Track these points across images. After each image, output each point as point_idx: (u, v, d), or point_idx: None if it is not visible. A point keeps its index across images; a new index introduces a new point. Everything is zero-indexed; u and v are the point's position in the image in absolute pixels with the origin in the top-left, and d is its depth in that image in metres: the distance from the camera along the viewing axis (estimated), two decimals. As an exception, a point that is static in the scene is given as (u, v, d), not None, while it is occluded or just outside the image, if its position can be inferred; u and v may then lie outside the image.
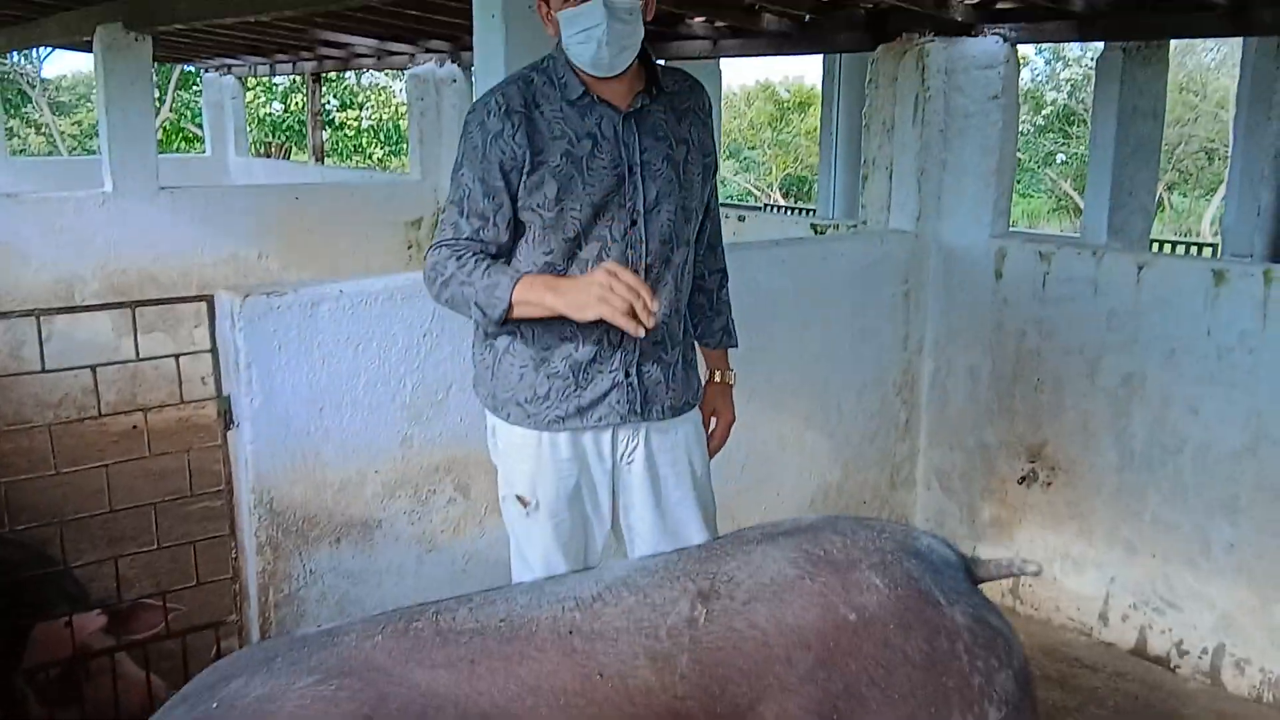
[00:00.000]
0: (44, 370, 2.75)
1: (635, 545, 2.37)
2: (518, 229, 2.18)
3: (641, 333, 1.98)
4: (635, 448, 2.31)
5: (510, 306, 2.07)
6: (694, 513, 2.38)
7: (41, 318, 2.72)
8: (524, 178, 2.12)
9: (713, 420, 2.54)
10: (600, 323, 2.09)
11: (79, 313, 3.03)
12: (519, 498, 2.30)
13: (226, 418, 2.65)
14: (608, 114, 2.16)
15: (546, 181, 2.12)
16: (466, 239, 2.14)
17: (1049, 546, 3.84)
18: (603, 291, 1.95)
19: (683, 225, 2.26)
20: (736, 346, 2.55)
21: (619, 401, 2.25)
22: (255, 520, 2.64)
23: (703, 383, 2.47)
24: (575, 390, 2.22)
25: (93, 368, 2.73)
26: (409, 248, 7.26)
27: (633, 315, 1.95)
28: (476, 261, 2.11)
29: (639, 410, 2.27)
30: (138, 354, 2.78)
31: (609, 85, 2.17)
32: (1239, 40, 9.13)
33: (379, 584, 2.85)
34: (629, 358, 2.24)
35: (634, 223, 2.19)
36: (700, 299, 2.46)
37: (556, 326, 2.18)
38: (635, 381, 2.25)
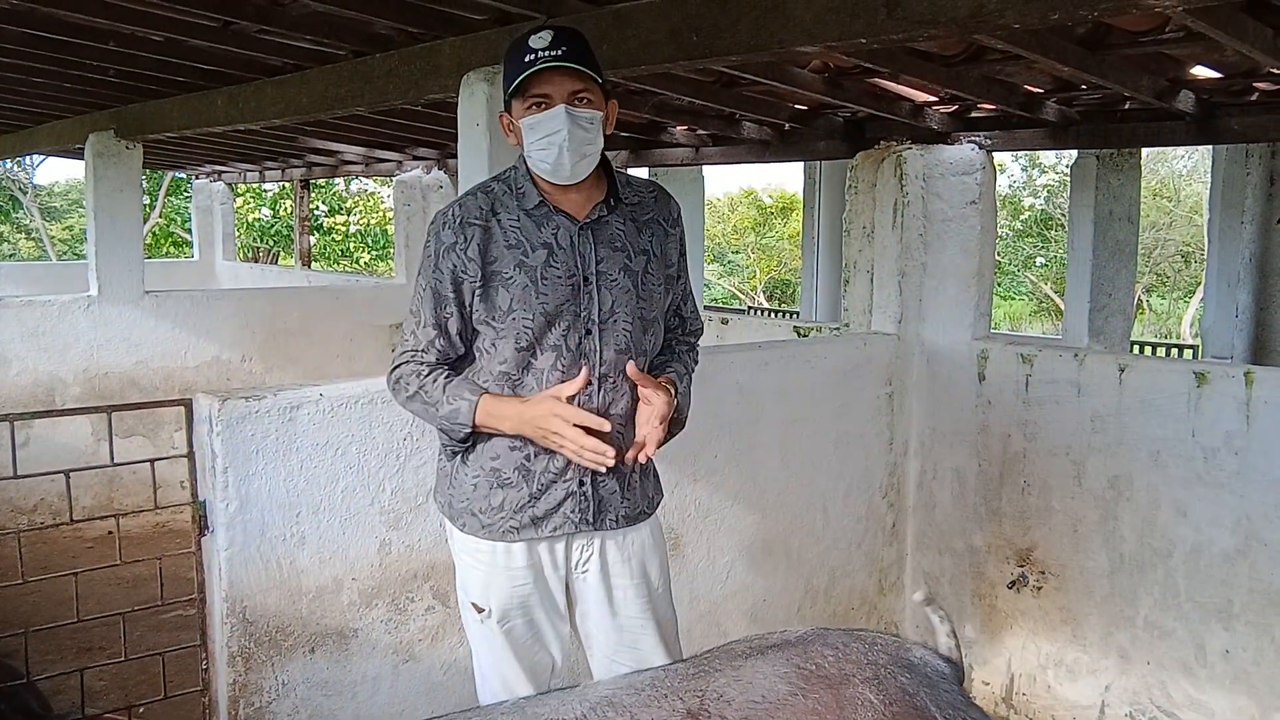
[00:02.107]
0: (16, 476, 2.69)
1: (593, 652, 2.34)
2: (476, 336, 2.20)
3: (603, 468, 2.07)
4: (590, 557, 2.27)
5: (474, 428, 2.14)
6: (650, 627, 2.31)
7: (18, 422, 2.67)
8: (476, 289, 2.15)
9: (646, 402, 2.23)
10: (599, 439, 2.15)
11: (56, 417, 2.98)
12: (473, 605, 2.27)
13: (201, 523, 2.60)
14: (564, 224, 2.18)
15: (499, 292, 2.14)
16: (424, 348, 2.19)
17: (1042, 653, 3.76)
18: (556, 440, 2.07)
19: (640, 335, 2.25)
20: (676, 390, 2.31)
21: (573, 511, 2.22)
22: (227, 630, 2.57)
23: (658, 478, 2.41)
24: (530, 502, 2.21)
25: (66, 473, 2.69)
26: (393, 350, 7.25)
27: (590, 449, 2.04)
28: (435, 378, 2.16)
29: (591, 520, 2.23)
30: (113, 459, 2.74)
31: (567, 195, 2.18)
32: (1209, 148, 9.38)
33: (354, 695, 2.75)
34: (584, 468, 2.20)
35: (588, 332, 2.18)
36: (661, 354, 2.38)
37: (512, 439, 2.18)
38: (590, 491, 2.22)
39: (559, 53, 2.06)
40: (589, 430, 2.07)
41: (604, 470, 2.09)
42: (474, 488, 2.23)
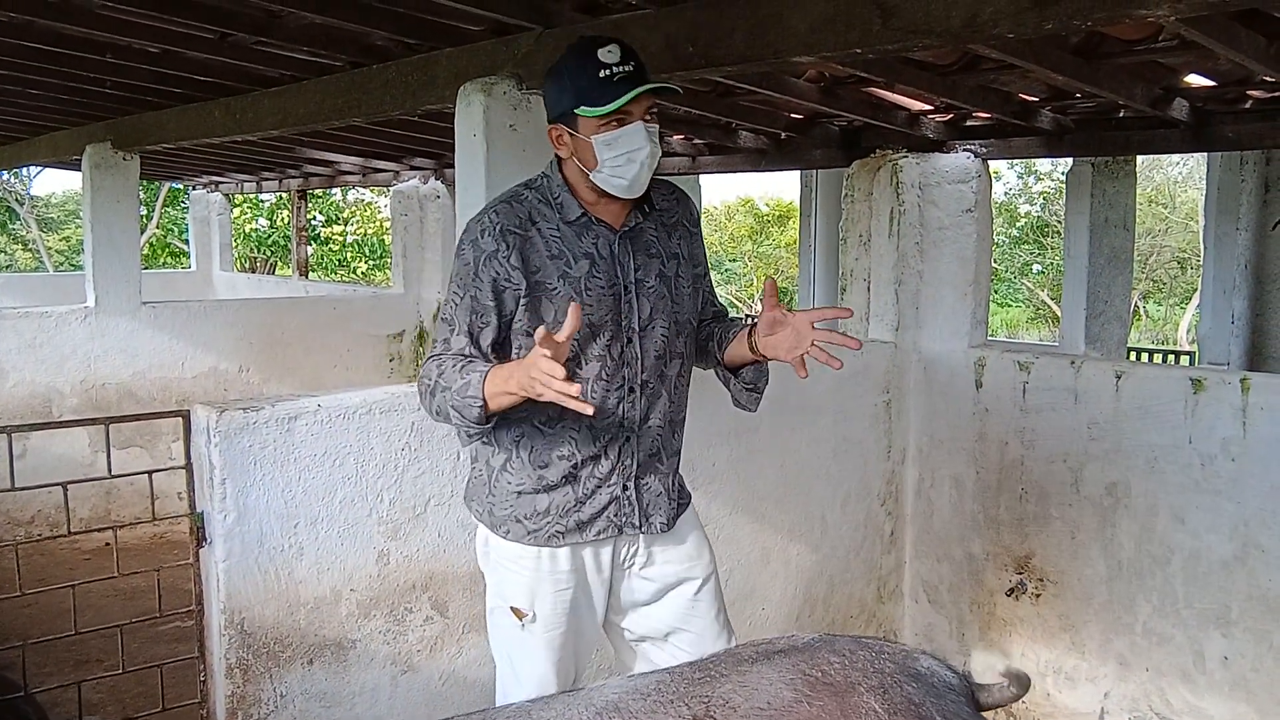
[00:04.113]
0: (13, 488, 2.69)
1: (641, 643, 2.35)
2: (509, 347, 2.16)
3: (587, 409, 1.89)
4: (636, 552, 2.30)
5: (485, 402, 2.02)
6: (703, 606, 2.35)
7: (15, 434, 2.67)
8: (521, 299, 2.11)
9: (784, 324, 2.17)
10: (597, 438, 2.16)
11: (54, 428, 2.99)
12: (514, 610, 2.25)
13: (199, 535, 2.60)
14: (604, 233, 2.17)
15: (543, 302, 2.12)
16: (454, 354, 2.12)
17: (1041, 660, 3.76)
18: (540, 387, 1.89)
19: (675, 339, 2.26)
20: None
21: (616, 515, 2.24)
22: (225, 641, 2.56)
23: (753, 339, 2.25)
24: (575, 506, 2.21)
25: (64, 485, 2.68)
26: (391, 360, 7.26)
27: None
28: (455, 363, 2.09)
29: (637, 523, 2.26)
30: (110, 470, 2.74)
31: (607, 205, 2.18)
32: (1204, 155, 9.41)
33: (352, 707, 2.75)
34: (627, 471, 2.24)
35: (630, 341, 2.19)
36: (705, 331, 2.38)
37: (554, 444, 2.18)
38: (634, 494, 2.25)
39: (631, 68, 2.06)
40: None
41: (589, 411, 1.92)
42: (518, 494, 2.21)
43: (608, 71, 2.04)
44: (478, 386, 2.02)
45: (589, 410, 1.90)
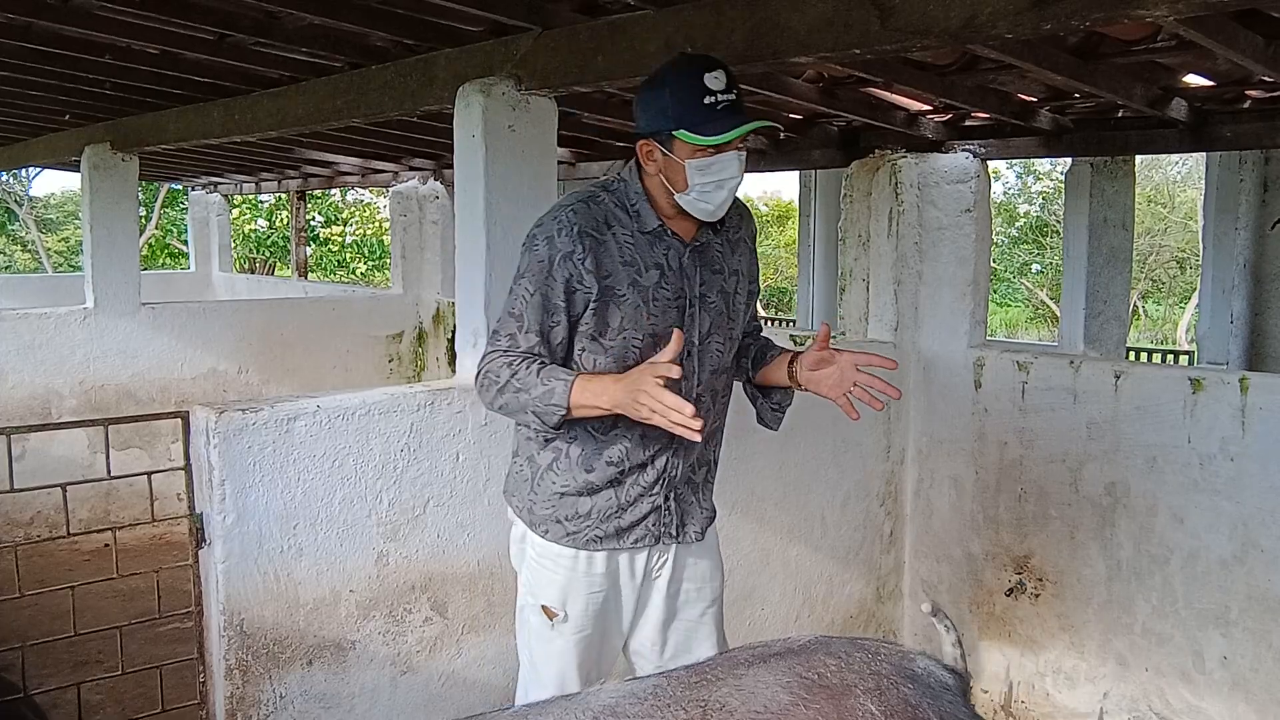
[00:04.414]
0: (12, 489, 2.69)
1: (644, 658, 2.36)
2: (573, 349, 2.16)
3: (697, 437, 1.95)
4: (665, 563, 2.31)
5: (568, 411, 2.04)
6: (706, 630, 2.37)
7: (14, 435, 2.67)
8: (591, 302, 2.10)
9: (830, 362, 2.25)
10: (647, 446, 2.19)
11: (53, 430, 2.99)
12: (545, 608, 2.26)
13: (198, 536, 2.60)
14: (675, 245, 2.18)
15: (610, 308, 2.11)
16: (522, 352, 2.11)
17: (1040, 660, 3.76)
18: (647, 411, 1.96)
19: (728, 354, 2.29)
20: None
21: (655, 524, 2.26)
22: (225, 643, 2.56)
23: (788, 371, 2.34)
24: (616, 513, 2.22)
25: (63, 486, 2.68)
26: (390, 361, 7.26)
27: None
28: (529, 364, 2.08)
29: (674, 533, 2.28)
30: (109, 471, 2.74)
31: (681, 219, 2.18)
32: (1203, 154, 9.41)
33: (351, 708, 2.75)
34: (670, 481, 2.26)
35: (689, 354, 2.20)
36: (741, 345, 2.42)
37: (604, 449, 2.19)
38: (673, 505, 2.27)
39: (734, 96, 2.06)
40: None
41: (698, 439, 1.97)
42: (560, 495, 2.22)
43: (713, 99, 2.04)
44: (563, 396, 2.03)
45: (697, 436, 1.94)
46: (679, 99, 2.05)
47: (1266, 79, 3.28)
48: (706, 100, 2.03)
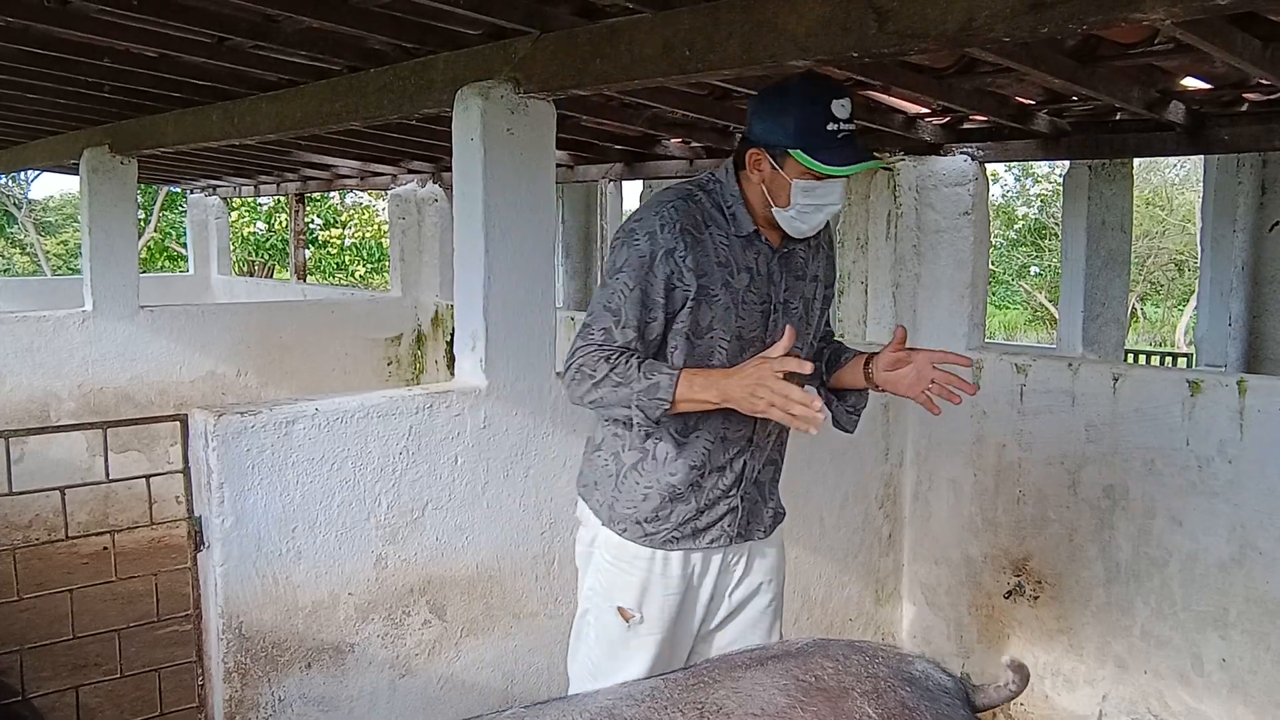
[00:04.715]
0: (11, 493, 2.69)
1: (709, 649, 2.36)
2: (662, 346, 2.17)
3: (814, 431, 1.96)
4: (739, 561, 2.33)
5: (671, 405, 2.05)
6: (766, 622, 2.39)
7: (13, 438, 2.67)
8: (689, 300, 2.11)
9: (906, 362, 2.28)
10: (727, 449, 2.20)
11: (51, 433, 2.99)
12: (621, 610, 2.25)
13: (197, 539, 2.60)
14: (764, 250, 2.20)
15: (703, 308, 2.12)
16: (618, 346, 2.10)
17: (1039, 663, 3.76)
18: (765, 405, 1.97)
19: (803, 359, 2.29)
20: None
21: (730, 525, 2.27)
22: (223, 646, 2.56)
23: (866, 373, 2.35)
24: (695, 515, 2.23)
25: (61, 489, 2.68)
26: (389, 364, 7.26)
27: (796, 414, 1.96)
28: (628, 359, 2.08)
29: (747, 534, 2.30)
30: (108, 474, 2.74)
31: (772, 226, 2.20)
32: (1201, 157, 9.42)
33: (350, 711, 2.75)
34: (746, 483, 2.27)
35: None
36: (819, 352, 2.45)
37: (686, 451, 2.19)
38: (748, 506, 2.29)
39: (853, 127, 2.09)
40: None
41: (810, 428, 1.97)
42: (644, 498, 2.21)
43: (835, 126, 2.06)
44: (668, 390, 2.03)
45: (816, 429, 1.94)
46: (803, 120, 2.07)
47: (1264, 82, 3.28)
48: (830, 127, 2.05)
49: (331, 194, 19.98)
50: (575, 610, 2.38)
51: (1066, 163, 7.85)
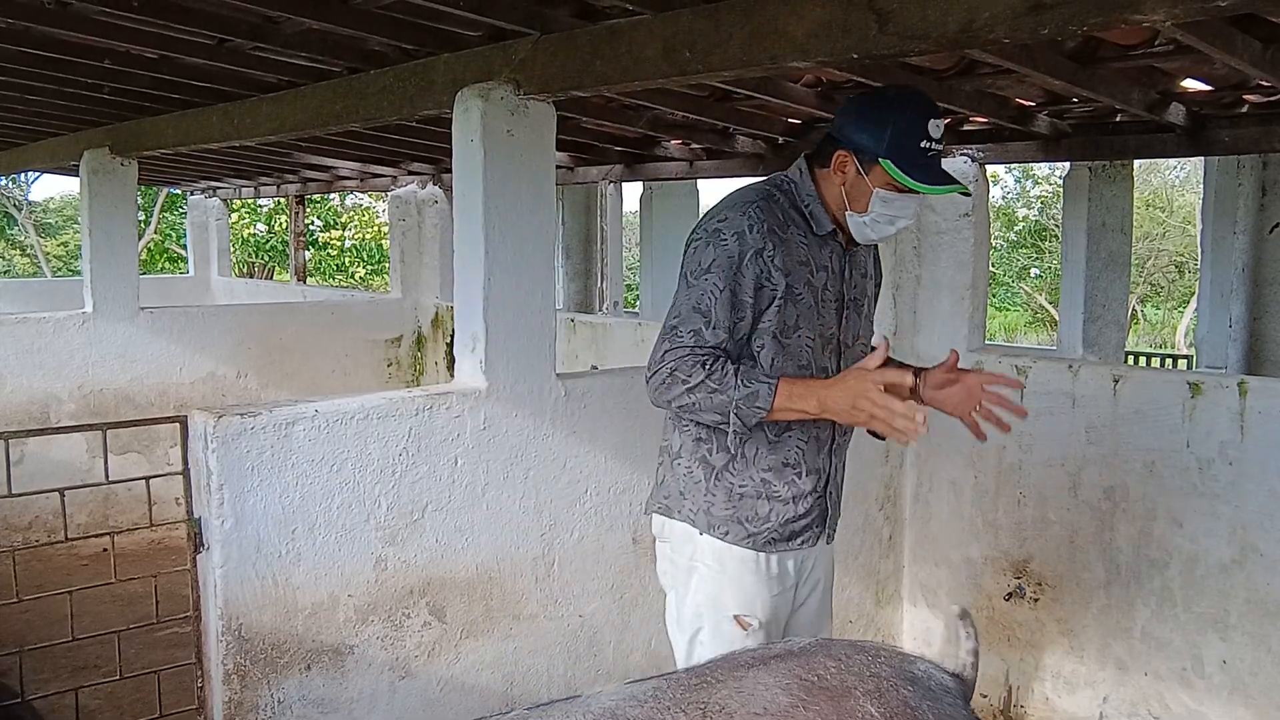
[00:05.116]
0: (10, 494, 2.69)
1: None
2: (747, 346, 2.18)
3: (912, 442, 2.02)
4: (816, 562, 2.35)
5: (768, 413, 2.06)
6: (825, 620, 2.42)
7: (13, 439, 2.67)
8: (778, 300, 2.12)
9: (955, 381, 2.28)
10: (820, 449, 2.22)
11: (51, 434, 2.99)
12: (739, 619, 2.22)
13: (197, 540, 2.59)
14: (837, 249, 2.23)
15: (789, 307, 2.14)
16: (710, 348, 2.09)
17: (1040, 665, 3.76)
18: (867, 410, 1.99)
19: (863, 354, 2.31)
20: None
21: (818, 525, 2.29)
22: (223, 648, 2.56)
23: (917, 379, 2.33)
24: (792, 516, 2.23)
25: (61, 491, 2.68)
26: (389, 365, 7.26)
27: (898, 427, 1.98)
28: (724, 364, 2.08)
29: (829, 533, 2.33)
30: (108, 476, 2.74)
31: (841, 226, 2.23)
32: (1201, 159, 9.42)
33: (350, 713, 2.74)
34: (830, 482, 2.29)
35: (842, 355, 2.26)
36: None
37: (778, 450, 2.20)
38: (830, 505, 2.31)
39: (941, 148, 2.15)
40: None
41: (909, 440, 2.02)
42: (740, 497, 2.21)
43: (928, 144, 2.11)
44: (767, 399, 2.04)
45: (913, 441, 2.00)
46: (900, 133, 2.11)
47: (1264, 83, 3.28)
48: (923, 144, 2.11)
49: (331, 195, 19.99)
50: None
51: (1067, 164, 7.85)
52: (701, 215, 2.24)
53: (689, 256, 2.16)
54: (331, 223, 21.16)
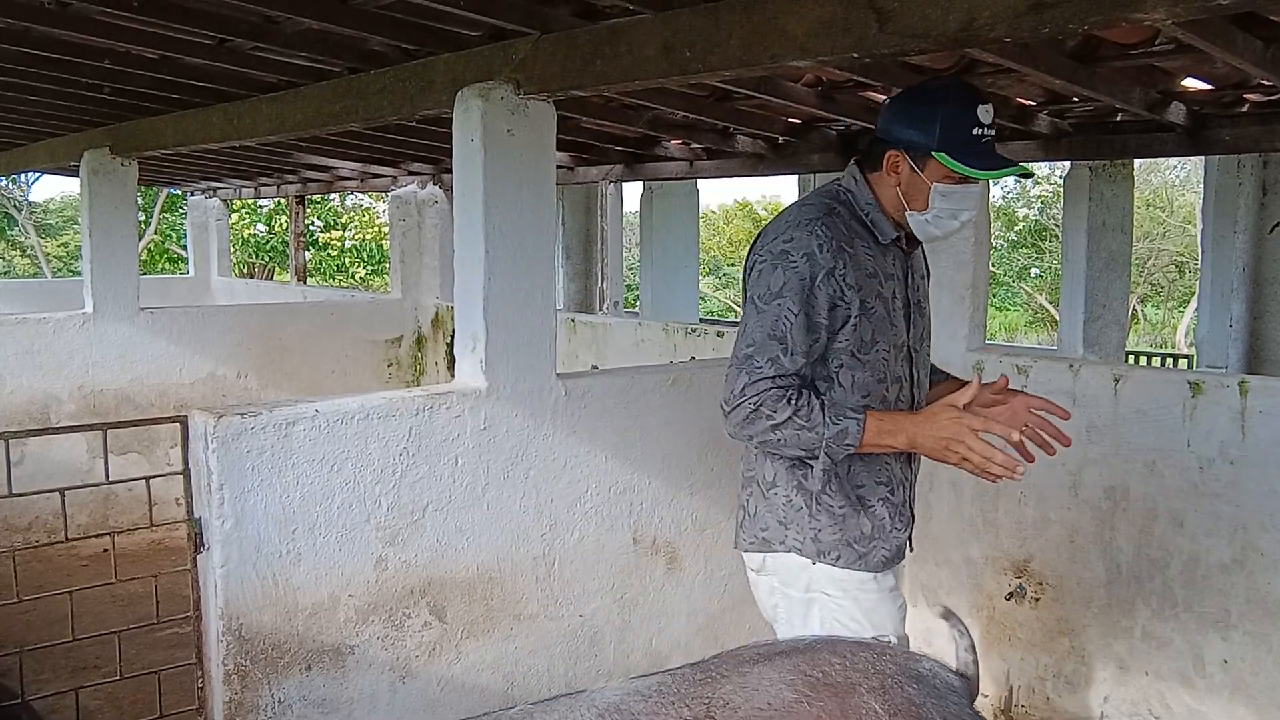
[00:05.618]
0: (10, 494, 2.68)
1: None
2: (823, 367, 2.12)
3: (999, 481, 1.98)
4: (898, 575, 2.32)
5: (857, 449, 2.04)
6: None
7: (13, 440, 2.67)
8: (853, 319, 2.07)
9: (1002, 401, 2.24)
10: (906, 462, 2.20)
11: (51, 434, 2.98)
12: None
13: (197, 540, 2.59)
14: (898, 254, 2.19)
15: (863, 323, 2.09)
16: (790, 376, 2.03)
17: (1040, 665, 3.76)
18: (959, 451, 1.98)
19: (930, 352, 2.30)
20: None
21: (909, 536, 2.26)
22: (223, 648, 2.56)
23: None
24: (892, 530, 2.20)
25: (61, 491, 2.68)
26: (389, 365, 7.26)
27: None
28: (809, 400, 2.02)
29: (913, 545, 2.30)
30: (108, 476, 2.74)
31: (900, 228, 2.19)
32: (1201, 158, 9.41)
33: (350, 713, 2.74)
34: (912, 493, 2.27)
35: (912, 361, 2.21)
36: None
37: (870, 467, 2.16)
38: (912, 513, 2.29)
39: (994, 132, 2.10)
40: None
41: (997, 481, 2.01)
42: (843, 518, 2.16)
43: (979, 130, 2.07)
44: (856, 436, 2.00)
45: (1021, 474, 1.94)
46: (950, 123, 2.07)
47: (1265, 82, 3.28)
48: (974, 131, 2.07)
49: (332, 196, 19.99)
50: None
51: (1067, 164, 7.85)
52: (760, 236, 2.18)
53: (755, 280, 2.10)
54: (332, 223, 21.16)
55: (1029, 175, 2.18)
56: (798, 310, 2.03)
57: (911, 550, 2.33)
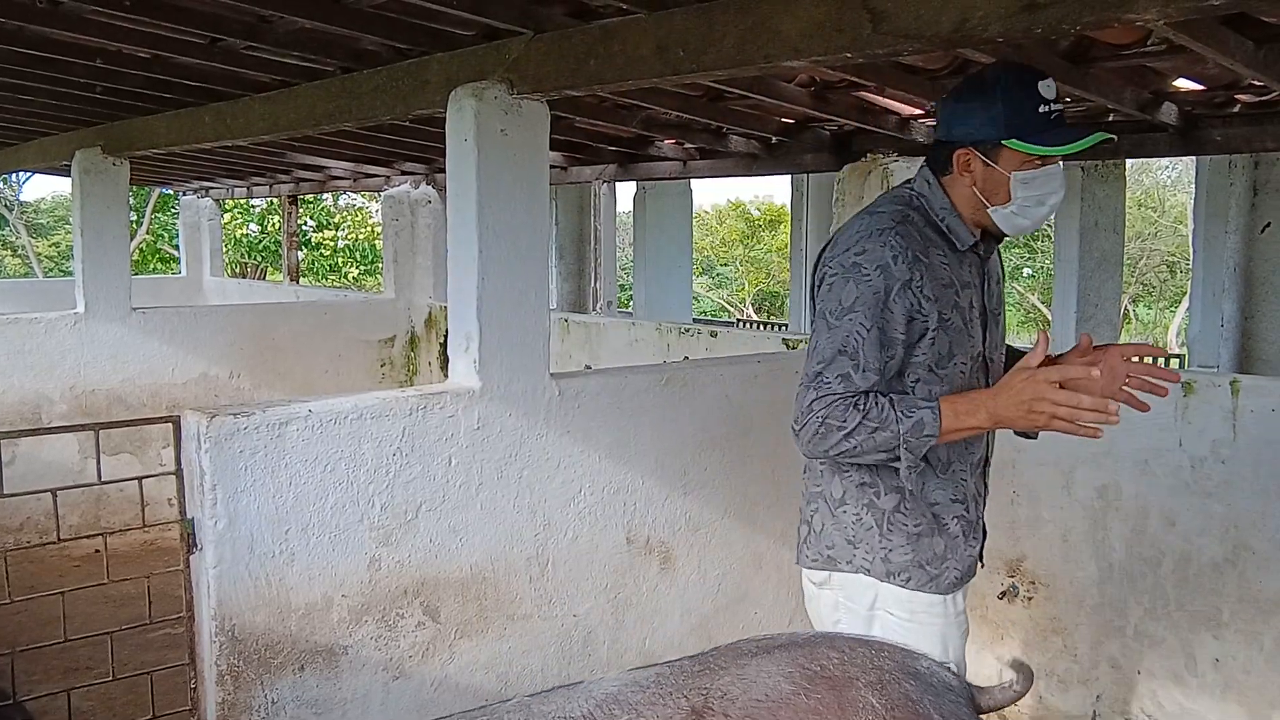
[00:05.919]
0: (2, 495, 2.67)
1: None
2: (898, 381, 2.03)
3: (1100, 434, 1.88)
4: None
5: (938, 438, 1.92)
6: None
7: (4, 440, 2.66)
8: (931, 332, 1.97)
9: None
10: (976, 476, 2.12)
11: (42, 435, 2.97)
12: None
13: (189, 541, 2.59)
14: (974, 260, 2.10)
15: (941, 336, 1.99)
16: (860, 392, 1.93)
17: (1033, 664, 3.75)
18: (1047, 411, 1.87)
19: (1004, 358, 2.21)
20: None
21: (980, 553, 2.18)
22: (216, 648, 2.55)
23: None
24: (965, 549, 2.11)
25: (53, 491, 2.67)
26: (382, 365, 7.25)
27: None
28: (878, 401, 1.91)
29: (983, 560, 2.22)
30: (100, 477, 2.73)
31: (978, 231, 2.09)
32: (1193, 158, 9.45)
33: (343, 714, 2.74)
34: (982, 508, 2.19)
35: (987, 369, 2.13)
36: None
37: (944, 485, 2.07)
38: (984, 529, 2.21)
39: (1061, 107, 2.00)
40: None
41: (1098, 433, 1.91)
42: (917, 537, 2.06)
43: (1046, 107, 1.97)
44: (934, 424, 1.89)
45: (1115, 420, 1.85)
46: (1013, 107, 1.96)
47: (1256, 83, 3.29)
48: (1041, 109, 1.96)
49: (324, 195, 19.96)
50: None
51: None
52: (829, 245, 2.07)
53: (825, 294, 2.00)
54: (325, 223, 21.13)
55: (1111, 140, 2.02)
56: (870, 325, 1.93)
57: (982, 565, 2.23)
